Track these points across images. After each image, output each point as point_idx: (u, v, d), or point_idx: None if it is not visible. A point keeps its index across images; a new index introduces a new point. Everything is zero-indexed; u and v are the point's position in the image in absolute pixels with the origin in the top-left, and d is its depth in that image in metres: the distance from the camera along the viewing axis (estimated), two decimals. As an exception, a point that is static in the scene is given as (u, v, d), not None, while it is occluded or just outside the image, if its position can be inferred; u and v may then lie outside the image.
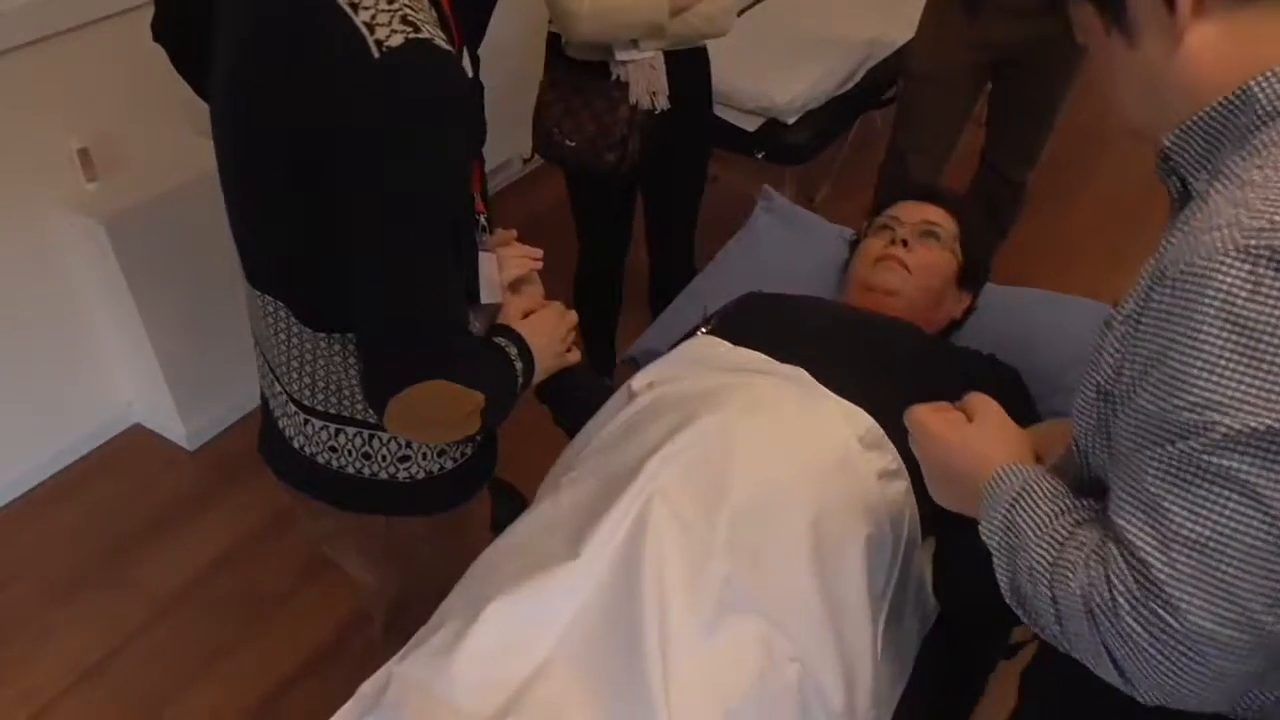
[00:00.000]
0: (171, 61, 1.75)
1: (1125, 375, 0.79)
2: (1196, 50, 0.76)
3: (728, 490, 1.15)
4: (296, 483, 1.30)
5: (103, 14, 2.32)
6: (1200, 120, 0.78)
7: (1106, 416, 0.83)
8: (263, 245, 1.14)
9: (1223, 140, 0.78)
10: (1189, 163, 0.81)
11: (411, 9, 0.94)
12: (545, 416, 1.51)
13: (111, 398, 2.71)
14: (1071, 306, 1.67)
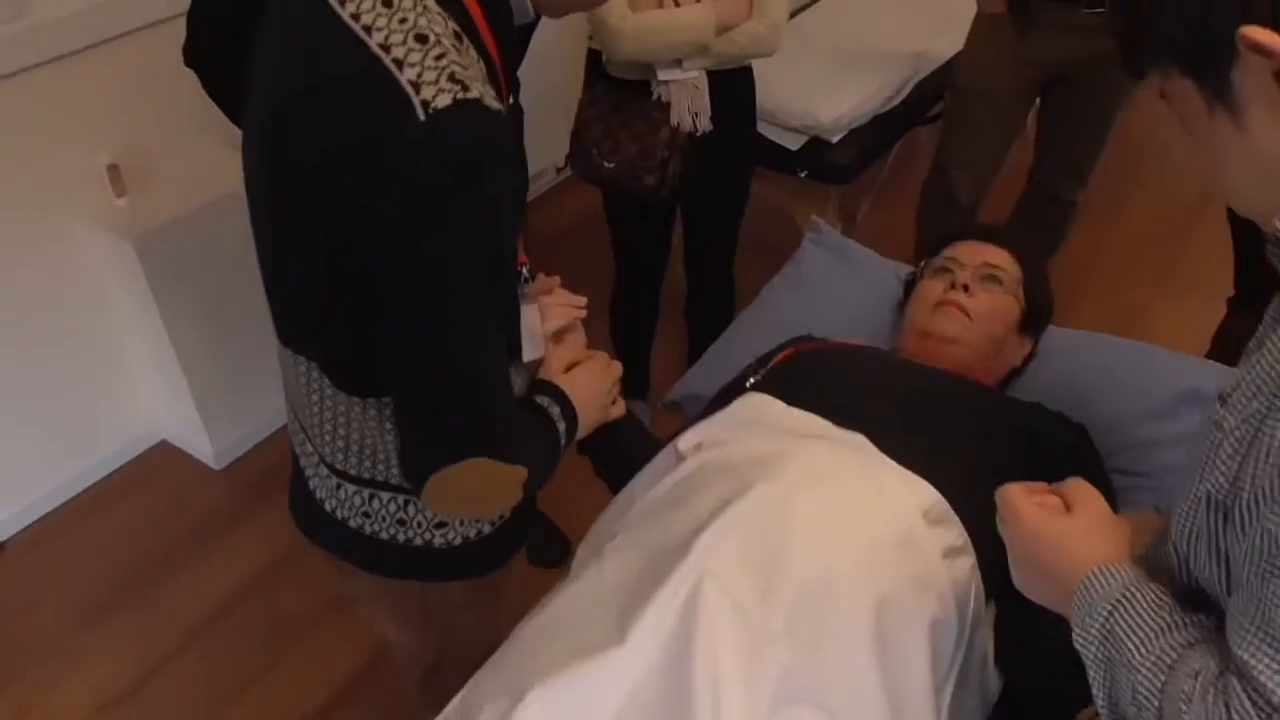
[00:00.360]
0: (203, 87, 1.71)
1: (1246, 492, 0.72)
2: None
3: (785, 570, 1.08)
4: (328, 546, 1.24)
5: (131, 27, 2.28)
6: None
7: (1218, 529, 0.76)
8: (295, 304, 1.08)
9: None
10: None
11: (460, 64, 0.88)
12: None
13: (139, 415, 2.67)
14: (1139, 353, 1.59)
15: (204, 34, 1.62)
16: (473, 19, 0.93)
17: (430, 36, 0.87)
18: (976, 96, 2.51)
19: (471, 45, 0.93)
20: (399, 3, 0.89)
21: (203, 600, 2.32)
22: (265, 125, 1.00)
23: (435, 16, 0.89)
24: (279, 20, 1.02)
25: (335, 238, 0.94)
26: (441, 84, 0.85)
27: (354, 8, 0.90)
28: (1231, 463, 0.73)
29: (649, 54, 2.01)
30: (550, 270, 3.00)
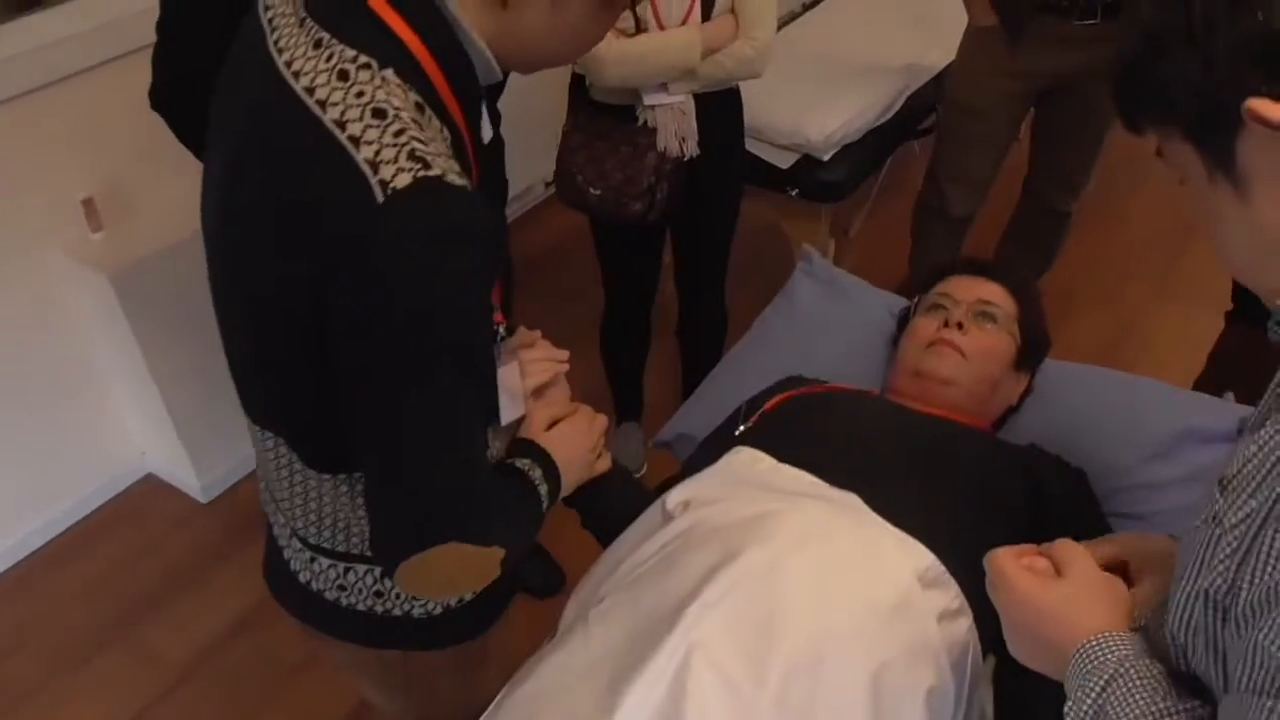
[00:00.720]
0: (171, 129, 1.67)
1: (1243, 596, 0.68)
2: None
3: (777, 640, 1.04)
4: (304, 618, 1.20)
5: (104, 58, 2.23)
6: None
7: (1216, 627, 0.73)
8: (257, 381, 1.04)
9: None
10: None
11: (420, 140, 0.83)
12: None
13: (123, 449, 2.64)
14: (1134, 389, 1.54)
15: (168, 78, 1.57)
16: (435, 88, 0.89)
17: (389, 110, 0.83)
18: (969, 110, 2.47)
19: (435, 115, 0.88)
20: (356, 76, 0.84)
21: (189, 642, 2.28)
22: (221, 196, 0.96)
23: (394, 88, 0.85)
24: (234, 82, 0.97)
25: (292, 320, 0.89)
26: (401, 162, 0.81)
27: (308, 81, 0.85)
28: (1230, 562, 0.70)
29: (634, 79, 1.97)
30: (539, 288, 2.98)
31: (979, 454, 1.31)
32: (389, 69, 0.85)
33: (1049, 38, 2.29)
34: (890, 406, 1.41)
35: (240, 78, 0.95)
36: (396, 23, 0.87)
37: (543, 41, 0.94)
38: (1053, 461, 1.36)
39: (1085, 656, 0.81)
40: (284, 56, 0.88)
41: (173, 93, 1.59)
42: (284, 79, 0.87)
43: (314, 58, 0.86)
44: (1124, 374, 1.59)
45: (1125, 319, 3.08)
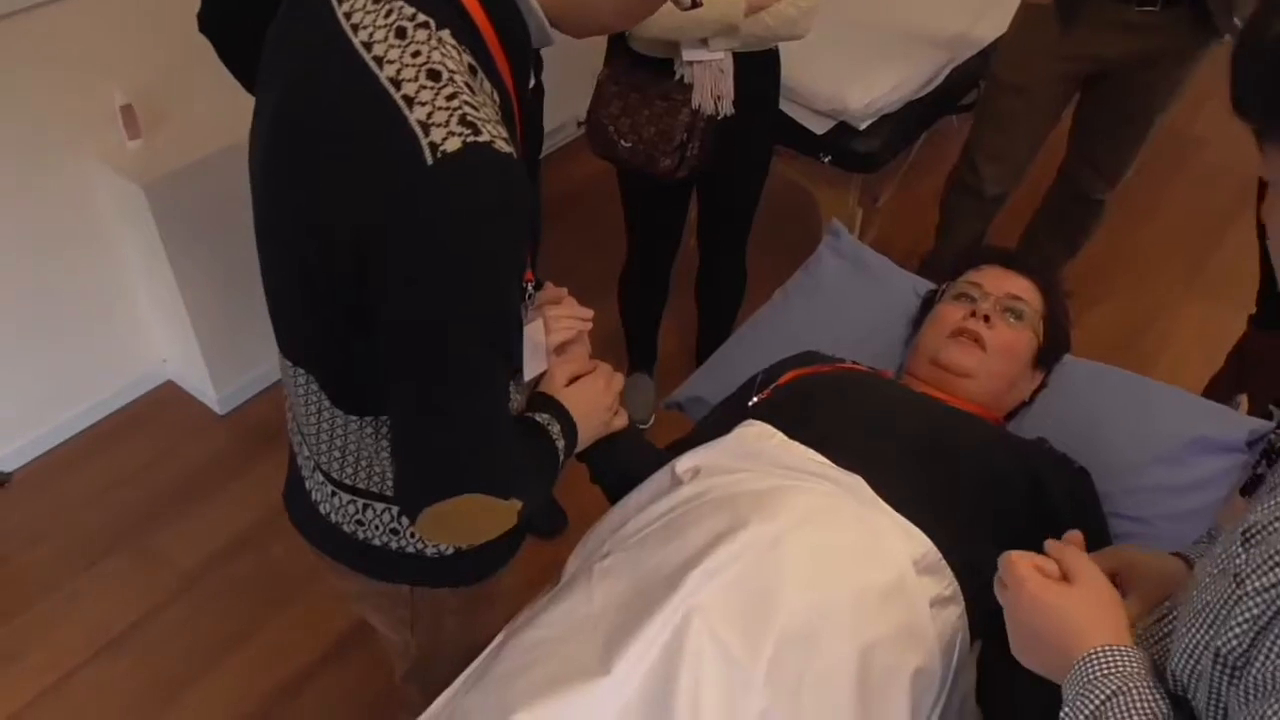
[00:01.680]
0: (218, 54, 1.67)
1: (1257, 667, 0.69)
2: None
3: (772, 614, 1.08)
4: (322, 546, 1.24)
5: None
6: None
7: (1222, 684, 0.74)
8: (294, 320, 1.06)
9: None
10: None
11: (472, 105, 0.84)
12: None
13: (146, 354, 2.68)
14: (1149, 392, 1.55)
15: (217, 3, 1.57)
16: (489, 50, 0.90)
17: (443, 73, 0.84)
18: (1013, 89, 2.43)
19: (486, 77, 0.89)
20: (413, 34, 0.85)
21: (197, 550, 2.35)
22: (270, 139, 0.97)
23: (450, 50, 0.85)
24: (291, 25, 0.98)
25: (332, 268, 0.91)
26: (452, 126, 0.82)
27: (366, 35, 0.86)
28: (1248, 629, 0.70)
29: (674, 31, 1.95)
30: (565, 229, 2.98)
31: (985, 447, 1.33)
32: (446, 29, 0.86)
33: (1105, 22, 2.25)
34: (903, 392, 1.43)
35: (298, 21, 0.95)
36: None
37: (599, 6, 0.94)
38: (1058, 459, 1.38)
39: (1089, 666, 0.82)
40: (344, 7, 0.89)
41: (221, 17, 1.58)
42: (343, 30, 0.87)
43: (374, 12, 0.87)
44: (1139, 376, 1.60)
45: (1149, 310, 3.07)
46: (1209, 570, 0.78)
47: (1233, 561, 0.74)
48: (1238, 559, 0.73)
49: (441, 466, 0.95)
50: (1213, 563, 0.77)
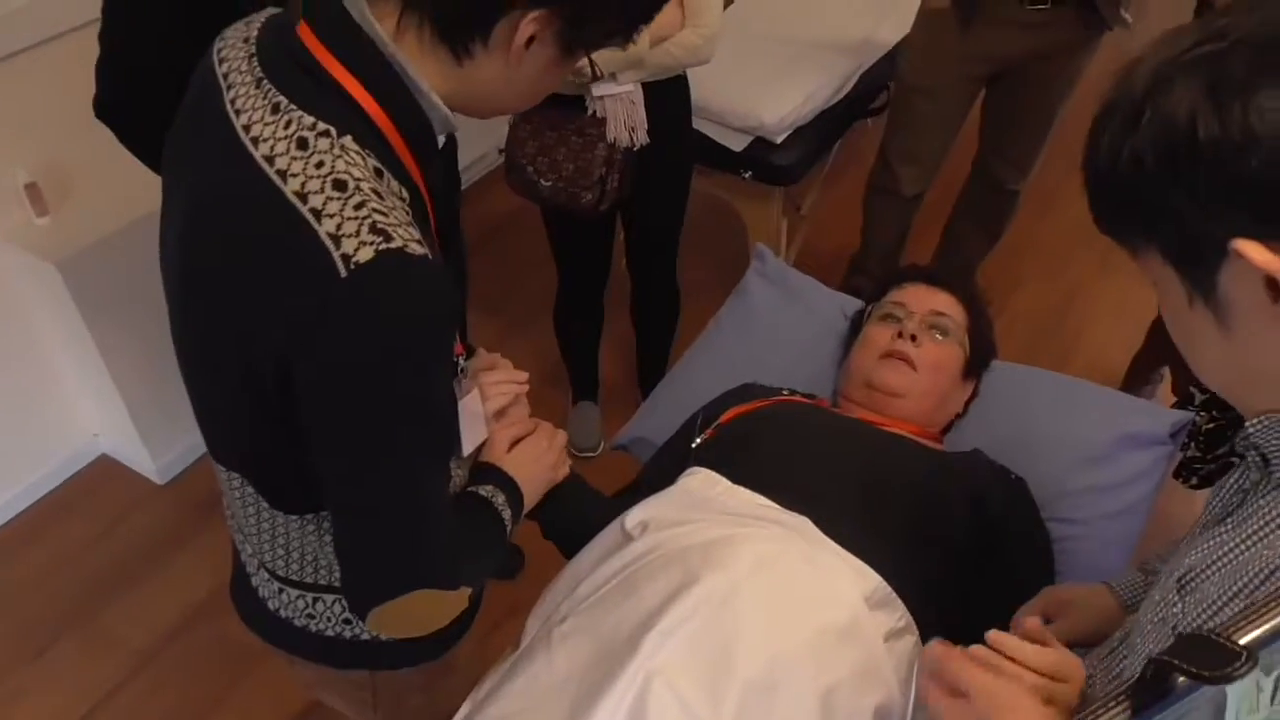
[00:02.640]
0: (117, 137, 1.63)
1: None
2: None
3: (732, 667, 1.09)
4: (273, 641, 1.23)
5: (42, 37, 2.16)
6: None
7: None
8: (223, 427, 1.05)
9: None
10: (1274, 449, 0.72)
11: (380, 210, 0.84)
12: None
13: (77, 430, 2.61)
14: (1075, 393, 1.61)
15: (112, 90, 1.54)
16: (393, 149, 0.89)
17: (349, 182, 0.84)
18: (921, 92, 2.49)
19: (393, 177, 0.89)
20: (315, 144, 0.85)
21: (149, 628, 2.29)
22: (179, 256, 0.96)
23: (354, 156, 0.85)
24: (190, 136, 0.96)
25: (255, 379, 0.90)
26: (363, 235, 0.82)
27: (268, 149, 0.85)
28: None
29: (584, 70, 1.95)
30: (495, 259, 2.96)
31: (925, 471, 1.36)
32: (347, 136, 0.86)
33: (1000, 21, 2.31)
34: (840, 421, 1.45)
35: (197, 133, 0.94)
36: (352, 85, 0.87)
37: (499, 93, 0.94)
38: (995, 471, 1.42)
39: None
40: (241, 119, 0.88)
41: (118, 104, 1.55)
42: (243, 144, 0.86)
43: (272, 123, 0.86)
44: (1064, 377, 1.65)
45: (1068, 290, 3.16)
46: (1150, 618, 0.79)
47: (1170, 610, 0.76)
48: (1174, 608, 0.75)
49: (384, 568, 0.95)
50: (1153, 609, 0.79)
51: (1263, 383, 0.70)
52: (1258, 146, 0.60)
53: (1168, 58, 0.65)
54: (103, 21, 1.50)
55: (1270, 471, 0.73)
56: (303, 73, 0.87)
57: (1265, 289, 0.63)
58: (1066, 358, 2.87)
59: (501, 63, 0.88)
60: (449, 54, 0.88)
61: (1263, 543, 0.71)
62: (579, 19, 0.86)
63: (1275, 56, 0.60)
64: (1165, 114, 0.63)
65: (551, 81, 0.96)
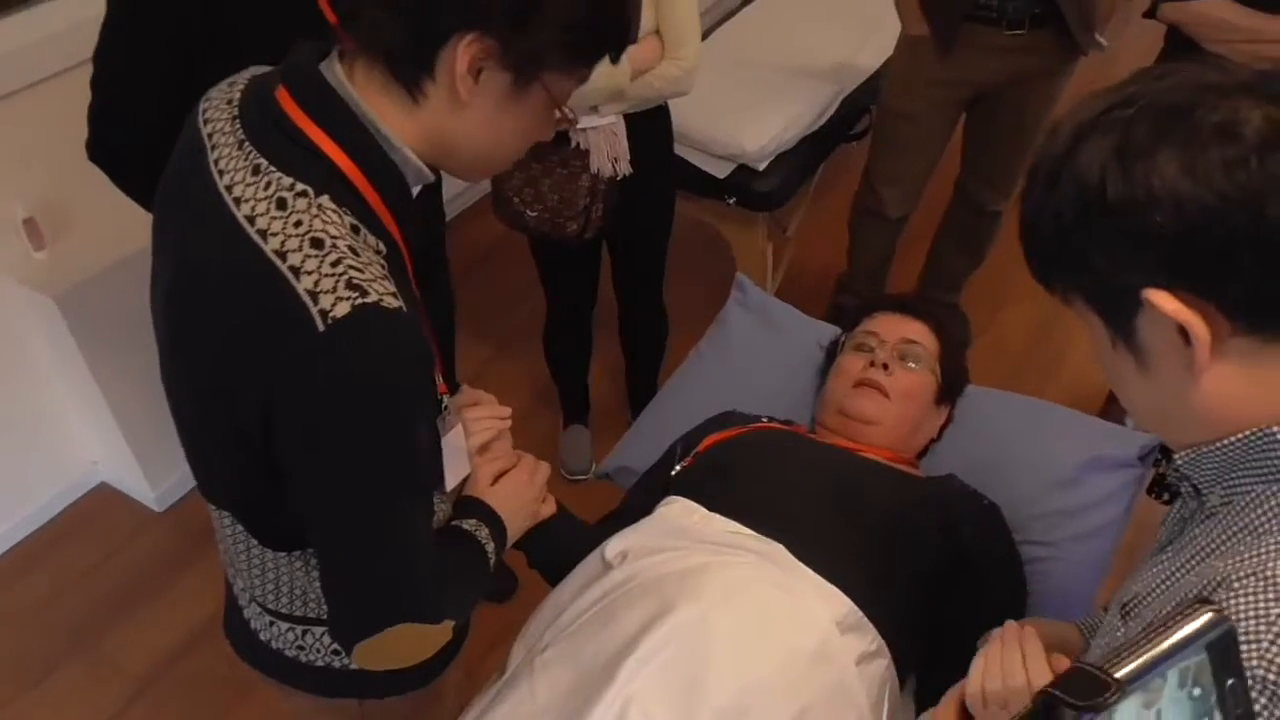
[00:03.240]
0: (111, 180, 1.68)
1: None
2: (1215, 388, 0.70)
3: (706, 692, 1.13)
4: (264, 670, 1.27)
5: (38, 77, 2.21)
6: (1217, 450, 0.73)
7: None
8: (212, 467, 1.09)
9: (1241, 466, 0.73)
10: (1204, 479, 0.77)
11: (356, 267, 0.88)
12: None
13: (75, 458, 2.65)
14: (1045, 416, 1.65)
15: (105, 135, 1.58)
16: (369, 205, 0.93)
17: (326, 240, 0.88)
18: (903, 116, 2.54)
19: (370, 231, 0.93)
20: (293, 204, 0.89)
21: (148, 653, 2.33)
22: (166, 307, 1.00)
23: (330, 215, 0.89)
24: (177, 194, 1.01)
25: (239, 426, 0.94)
26: (339, 291, 0.86)
27: (249, 209, 0.90)
28: None
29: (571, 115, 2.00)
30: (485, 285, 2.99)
31: (900, 497, 1.40)
32: (325, 195, 0.90)
33: (979, 47, 2.36)
34: (816, 448, 1.49)
35: (183, 192, 0.98)
36: (326, 143, 0.91)
37: (462, 137, 0.95)
38: (968, 496, 1.46)
39: None
40: (225, 180, 0.92)
41: (110, 148, 1.60)
42: (226, 204, 0.91)
43: (253, 184, 0.90)
44: (1036, 400, 1.69)
45: (1053, 311, 3.19)
46: (1097, 644, 0.84)
47: (1114, 636, 0.80)
48: (1118, 633, 0.79)
49: (368, 605, 0.99)
50: (1101, 636, 0.84)
51: (1183, 419, 0.74)
52: (1160, 204, 0.65)
53: (1082, 121, 0.70)
54: (95, 68, 1.55)
55: (1203, 501, 0.78)
56: (282, 135, 0.91)
57: (1177, 335, 0.68)
58: (1050, 378, 2.91)
59: (453, 97, 0.89)
60: (404, 93, 0.90)
61: (1196, 570, 0.75)
62: (513, 36, 0.86)
63: (1174, 122, 0.65)
64: (1079, 173, 0.68)
65: (518, 122, 0.95)
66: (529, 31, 0.87)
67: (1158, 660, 0.51)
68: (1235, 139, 0.64)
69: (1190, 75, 0.68)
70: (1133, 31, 2.92)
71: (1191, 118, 0.65)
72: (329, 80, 0.92)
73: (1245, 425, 0.71)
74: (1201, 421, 0.73)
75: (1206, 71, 0.68)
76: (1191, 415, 0.73)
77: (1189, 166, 0.64)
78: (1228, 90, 0.66)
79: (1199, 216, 0.64)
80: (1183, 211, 0.64)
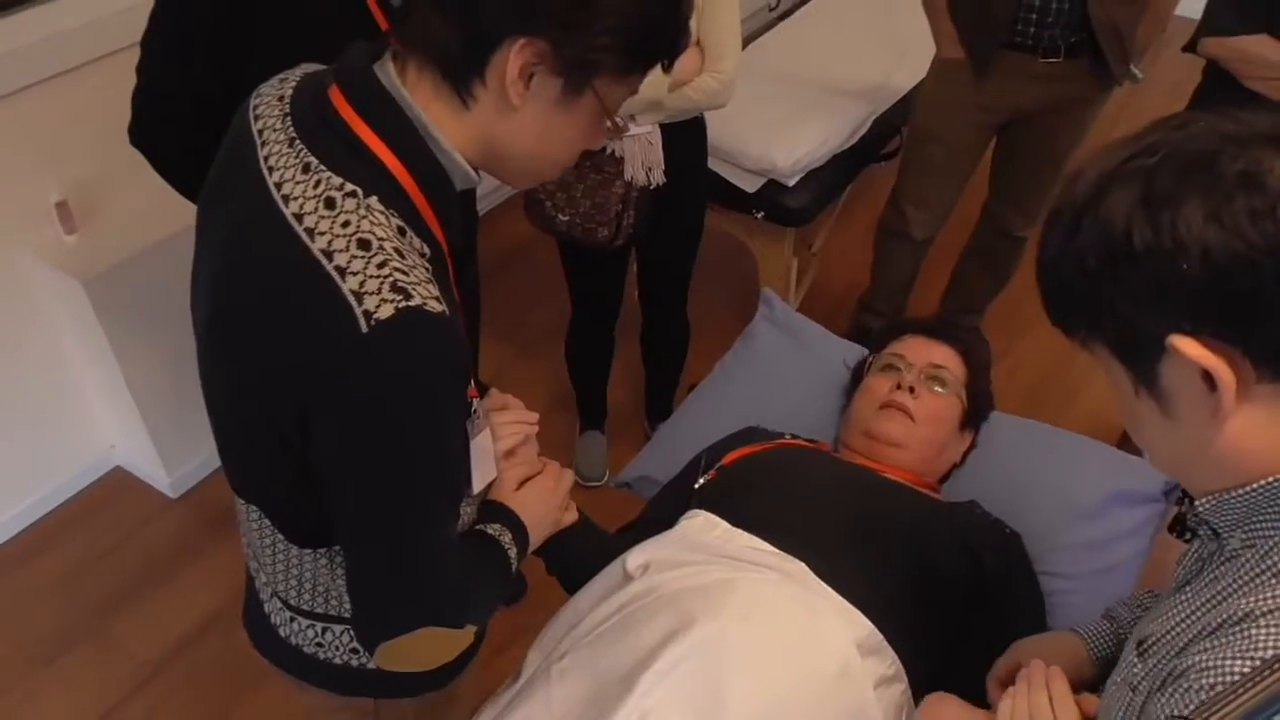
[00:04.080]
0: (152, 165, 1.69)
1: None
2: (1239, 434, 0.70)
3: (725, 709, 1.13)
4: (282, 665, 1.27)
5: (76, 63, 2.23)
6: (1240, 496, 0.74)
7: None
8: (244, 464, 1.10)
9: (1264, 510, 0.74)
10: (1224, 525, 0.77)
11: (402, 270, 0.88)
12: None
13: (93, 442, 2.67)
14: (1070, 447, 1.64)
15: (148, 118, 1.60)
16: (416, 208, 0.94)
17: (373, 241, 0.88)
18: (934, 139, 2.54)
19: (415, 234, 0.93)
20: (342, 204, 0.89)
21: (160, 638, 2.34)
22: (209, 302, 1.01)
23: (378, 216, 0.90)
24: (225, 186, 1.01)
25: (276, 425, 0.95)
26: (384, 293, 0.86)
27: (297, 207, 0.90)
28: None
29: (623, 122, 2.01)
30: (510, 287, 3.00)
31: (922, 520, 1.39)
32: (374, 196, 0.90)
33: (1014, 73, 2.36)
34: (840, 467, 1.49)
35: (232, 185, 0.99)
36: (377, 145, 0.92)
37: (512, 141, 0.95)
38: (990, 525, 1.45)
39: None
40: (274, 177, 0.93)
41: (152, 132, 1.61)
42: (274, 201, 0.91)
43: (303, 183, 0.91)
44: (1060, 431, 1.69)
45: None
46: (1115, 679, 0.84)
47: (1130, 671, 0.81)
48: (1135, 669, 0.80)
49: (394, 606, 0.99)
50: (1118, 670, 0.84)
51: (1205, 465, 0.74)
52: (1187, 253, 0.65)
53: (1105, 170, 0.70)
54: (141, 54, 1.56)
55: (1222, 544, 0.78)
56: (333, 135, 0.92)
57: (1201, 380, 0.68)
58: (1069, 405, 2.90)
59: (504, 102, 0.90)
60: (455, 97, 0.91)
61: (1216, 609, 0.75)
62: (566, 40, 0.86)
63: (1198, 171, 0.66)
64: (1104, 221, 0.69)
65: (569, 128, 0.95)
66: (581, 36, 0.87)
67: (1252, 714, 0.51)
68: (1260, 188, 0.65)
69: (1210, 124, 0.69)
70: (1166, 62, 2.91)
71: (1215, 167, 0.66)
72: (382, 81, 0.92)
73: (1269, 472, 0.71)
74: (1224, 468, 0.73)
75: (1224, 121, 0.69)
76: (1214, 461, 0.73)
77: (1215, 215, 0.65)
78: (1247, 140, 0.67)
79: (1226, 264, 0.65)
80: (1210, 260, 0.65)
